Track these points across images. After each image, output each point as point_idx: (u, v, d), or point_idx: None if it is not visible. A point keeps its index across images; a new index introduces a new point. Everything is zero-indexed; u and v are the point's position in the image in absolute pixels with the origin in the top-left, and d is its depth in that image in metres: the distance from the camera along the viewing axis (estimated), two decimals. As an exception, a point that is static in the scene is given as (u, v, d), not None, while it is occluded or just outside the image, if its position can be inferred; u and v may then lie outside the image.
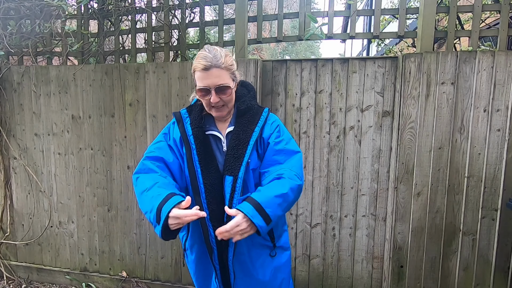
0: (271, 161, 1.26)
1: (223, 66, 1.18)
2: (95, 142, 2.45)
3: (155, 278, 2.48)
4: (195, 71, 1.20)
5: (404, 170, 2.02)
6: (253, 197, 1.11)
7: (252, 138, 1.24)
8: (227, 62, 1.19)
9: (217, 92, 1.19)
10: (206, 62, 1.16)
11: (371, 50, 9.02)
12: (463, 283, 2.04)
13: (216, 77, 1.17)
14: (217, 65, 1.17)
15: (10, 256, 2.75)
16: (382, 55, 2.30)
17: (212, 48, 1.20)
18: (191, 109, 1.35)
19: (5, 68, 2.52)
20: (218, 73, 1.17)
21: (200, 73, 1.18)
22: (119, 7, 2.41)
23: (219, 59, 1.17)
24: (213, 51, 1.19)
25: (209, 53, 1.18)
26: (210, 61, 1.16)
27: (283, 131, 1.32)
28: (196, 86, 1.22)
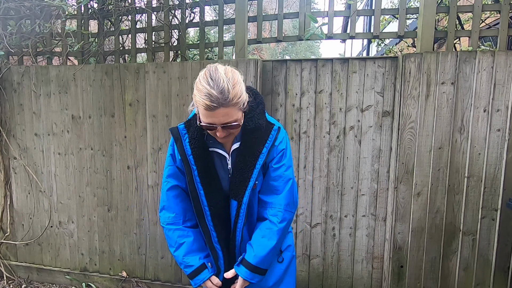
0: (268, 186, 1.24)
1: (231, 103, 1.03)
2: (95, 142, 2.45)
3: (155, 278, 2.48)
4: (198, 104, 1.05)
5: (404, 170, 2.02)
6: (248, 260, 1.20)
7: (258, 161, 1.17)
8: (235, 96, 1.03)
9: (224, 128, 1.08)
10: (211, 102, 1.00)
11: (371, 50, 9.02)
12: (463, 283, 2.04)
13: (223, 116, 1.04)
14: (225, 104, 1.02)
15: (10, 256, 2.75)
16: (382, 55, 2.30)
17: (216, 79, 1.02)
18: (189, 124, 1.22)
19: (5, 68, 2.52)
20: (226, 112, 1.03)
21: (204, 111, 1.04)
22: (119, 7, 2.41)
23: (226, 96, 1.01)
24: (218, 85, 1.01)
25: (214, 89, 1.01)
26: (215, 101, 1.00)
27: (286, 155, 1.24)
28: (200, 120, 1.09)
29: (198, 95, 1.03)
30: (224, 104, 1.02)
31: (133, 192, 2.43)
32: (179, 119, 2.27)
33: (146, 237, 2.45)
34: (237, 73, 1.09)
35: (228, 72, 1.06)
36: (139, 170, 2.39)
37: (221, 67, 1.07)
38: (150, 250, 2.46)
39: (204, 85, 1.02)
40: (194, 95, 1.06)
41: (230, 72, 1.07)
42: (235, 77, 1.07)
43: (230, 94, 1.02)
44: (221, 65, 1.09)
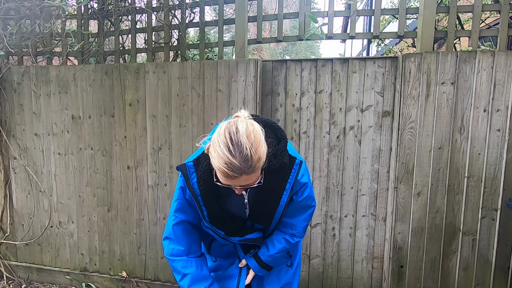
0: (291, 213, 1.26)
1: (254, 170, 0.95)
2: (95, 142, 2.45)
3: (155, 278, 2.48)
4: (215, 167, 0.96)
5: (404, 170, 2.02)
6: (260, 256, 1.29)
7: (282, 199, 1.13)
8: (259, 161, 0.95)
9: (242, 187, 1.03)
10: (232, 172, 0.92)
11: (371, 50, 9.02)
12: (463, 283, 2.04)
13: (244, 181, 0.97)
14: (247, 173, 0.94)
15: (10, 256, 2.75)
16: (382, 55, 2.30)
17: (239, 145, 0.91)
18: (198, 162, 1.12)
19: (5, 68, 2.52)
20: (247, 177, 0.96)
21: (222, 176, 0.96)
22: (119, 7, 2.41)
23: (249, 165, 0.92)
24: (242, 153, 0.91)
25: (236, 157, 0.90)
26: (237, 171, 0.92)
27: (308, 186, 1.22)
28: (215, 175, 1.01)
29: (216, 159, 0.93)
30: (247, 172, 0.93)
31: (133, 192, 2.43)
32: (179, 119, 2.28)
33: (146, 237, 2.45)
34: (258, 130, 0.98)
35: (250, 133, 0.94)
36: (139, 170, 2.39)
37: (242, 125, 0.95)
38: (150, 250, 2.46)
39: (224, 151, 0.91)
40: (211, 154, 0.96)
41: (252, 132, 0.95)
42: (257, 136, 0.95)
43: (254, 161, 0.92)
44: (241, 122, 0.96)
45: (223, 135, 0.93)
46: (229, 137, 0.92)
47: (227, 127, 0.94)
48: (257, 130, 0.97)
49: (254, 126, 0.98)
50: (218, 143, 0.93)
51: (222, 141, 0.92)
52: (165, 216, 2.39)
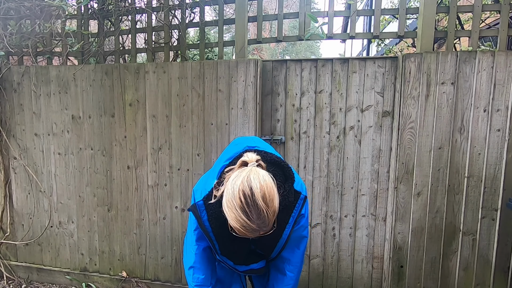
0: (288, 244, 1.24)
1: (270, 225, 0.97)
2: (95, 142, 2.45)
3: (155, 278, 2.48)
4: (230, 222, 0.97)
5: (404, 170, 2.02)
6: None
7: (285, 232, 1.15)
8: (274, 216, 0.97)
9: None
10: (250, 233, 0.95)
11: (371, 50, 9.01)
12: (463, 283, 2.04)
13: (260, 234, 0.98)
14: (264, 230, 0.96)
15: (10, 256, 2.75)
16: (382, 55, 2.30)
17: (255, 208, 0.91)
18: (208, 199, 1.12)
19: (5, 68, 2.52)
20: (263, 232, 0.98)
21: (238, 230, 0.97)
22: (119, 7, 2.41)
23: (266, 224, 0.94)
24: (259, 217, 0.92)
25: (253, 221, 0.92)
26: (255, 232, 0.95)
27: (305, 216, 1.24)
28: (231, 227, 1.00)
29: (233, 221, 0.94)
30: (263, 230, 0.95)
31: (133, 192, 2.43)
32: (179, 119, 2.28)
33: (146, 237, 2.45)
34: (271, 184, 0.96)
35: (264, 193, 0.92)
36: (139, 170, 2.39)
37: (255, 183, 0.92)
38: (150, 250, 2.46)
39: (242, 216, 0.92)
40: (226, 212, 0.95)
41: (266, 189, 0.93)
42: (271, 193, 0.94)
43: (270, 219, 0.94)
44: (254, 178, 0.94)
45: (238, 198, 0.91)
46: (245, 201, 0.91)
47: (241, 188, 0.92)
48: (271, 185, 0.96)
49: (267, 181, 0.95)
50: (233, 205, 0.92)
51: (238, 205, 0.91)
52: (165, 216, 2.39)
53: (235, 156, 1.15)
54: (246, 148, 1.18)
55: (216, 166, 1.20)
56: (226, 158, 1.17)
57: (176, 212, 2.37)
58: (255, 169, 0.98)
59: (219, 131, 2.22)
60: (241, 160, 1.04)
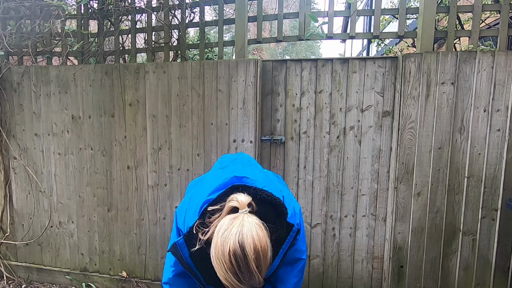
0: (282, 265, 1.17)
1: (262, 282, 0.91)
2: (95, 142, 2.45)
3: (155, 278, 2.48)
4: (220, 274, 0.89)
5: (404, 170, 2.02)
6: None
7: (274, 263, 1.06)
8: (266, 270, 0.92)
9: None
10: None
11: (371, 50, 9.01)
12: (463, 283, 2.04)
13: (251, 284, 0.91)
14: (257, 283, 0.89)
15: (10, 256, 2.75)
16: (382, 55, 2.30)
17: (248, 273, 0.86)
18: (189, 237, 1.05)
19: (5, 68, 2.52)
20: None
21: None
22: (119, 7, 2.41)
23: (258, 283, 0.88)
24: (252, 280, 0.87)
25: (245, 284, 0.87)
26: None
27: (299, 240, 1.16)
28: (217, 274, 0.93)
29: (220, 275, 0.88)
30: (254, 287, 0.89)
31: (133, 192, 2.43)
32: (179, 119, 2.27)
33: (146, 237, 2.45)
34: (265, 238, 0.90)
35: (258, 252, 0.86)
36: (139, 170, 2.39)
37: (248, 243, 0.86)
38: (150, 250, 2.46)
39: (231, 276, 0.86)
40: (215, 266, 0.89)
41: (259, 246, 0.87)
42: (265, 249, 0.88)
43: (262, 277, 0.88)
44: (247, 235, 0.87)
45: (228, 259, 0.85)
46: (237, 264, 0.85)
47: (232, 248, 0.85)
48: (264, 242, 0.89)
49: (260, 236, 0.88)
50: (223, 265, 0.86)
51: (228, 267, 0.85)
52: (165, 216, 2.39)
53: (220, 191, 1.06)
54: (234, 182, 1.09)
55: (197, 198, 1.11)
56: (210, 191, 1.08)
57: (176, 212, 2.36)
58: (247, 220, 0.90)
59: (219, 131, 2.22)
60: (230, 205, 0.96)
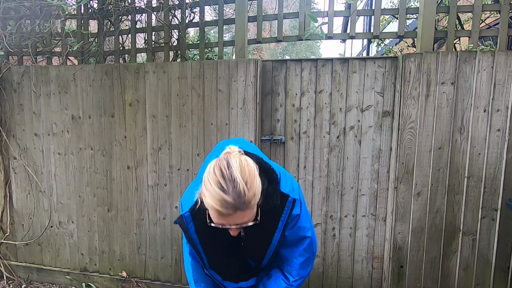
0: (286, 243, 1.18)
1: (249, 207, 0.89)
2: (95, 142, 2.45)
3: (155, 278, 2.48)
4: (207, 206, 0.90)
5: (404, 170, 2.02)
6: None
7: (275, 237, 1.09)
8: (253, 196, 0.89)
9: (238, 227, 0.95)
10: (225, 209, 0.87)
11: (371, 50, 9.01)
12: (463, 283, 2.04)
13: (239, 219, 0.91)
14: (241, 209, 0.88)
15: (10, 256, 2.75)
16: (382, 55, 2.30)
17: (230, 180, 0.86)
18: (194, 210, 1.06)
19: (5, 68, 2.52)
20: (242, 215, 0.90)
21: (216, 214, 0.90)
22: (119, 7, 2.41)
23: (243, 201, 0.87)
24: (234, 189, 0.86)
25: (229, 194, 0.85)
26: (230, 208, 0.86)
27: (302, 217, 1.15)
28: (209, 217, 0.95)
29: (208, 198, 0.88)
30: (240, 208, 0.87)
31: (133, 192, 2.43)
32: (179, 119, 2.27)
33: (146, 237, 2.45)
34: (252, 165, 0.93)
35: (243, 167, 0.89)
36: (139, 170, 2.39)
37: (234, 160, 0.90)
38: (150, 250, 2.46)
39: (216, 189, 0.86)
40: (203, 194, 0.90)
41: (245, 166, 0.90)
42: (251, 171, 0.90)
43: (248, 196, 0.87)
44: (233, 157, 0.91)
45: (213, 173, 0.88)
46: (220, 174, 0.87)
47: (218, 163, 0.89)
48: (251, 165, 0.92)
49: (248, 161, 0.93)
50: (209, 181, 0.88)
51: (212, 179, 0.87)
52: (165, 216, 2.39)
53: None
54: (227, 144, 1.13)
55: (200, 174, 1.13)
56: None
57: (176, 212, 2.37)
58: (236, 154, 0.94)
59: (219, 131, 2.22)
60: (224, 151, 0.98)
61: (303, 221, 1.16)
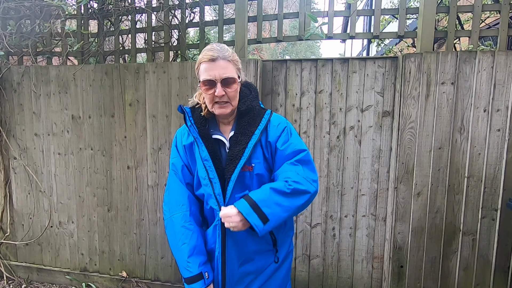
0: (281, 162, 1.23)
1: (230, 59, 1.17)
2: (95, 142, 2.45)
3: (155, 278, 2.48)
4: (201, 63, 1.17)
5: (404, 170, 2.02)
6: (250, 195, 1.14)
7: (251, 141, 1.20)
8: (233, 56, 1.19)
9: (222, 84, 1.16)
10: (213, 53, 1.15)
11: (371, 50, 9.02)
12: (463, 283, 2.04)
13: (223, 69, 1.15)
14: (224, 57, 1.16)
15: (10, 256, 2.75)
16: (382, 55, 2.30)
17: (218, 44, 1.20)
18: (193, 110, 1.30)
19: (5, 68, 2.52)
20: (225, 65, 1.16)
21: (206, 64, 1.15)
22: (119, 7, 2.41)
23: (226, 52, 1.17)
24: (219, 45, 1.19)
25: (216, 46, 1.18)
26: (217, 53, 1.15)
27: (291, 133, 1.27)
28: (201, 80, 1.18)
29: (201, 55, 1.17)
30: (224, 56, 1.15)
31: (133, 192, 2.43)
32: (179, 119, 2.27)
33: (146, 237, 2.45)
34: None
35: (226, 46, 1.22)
36: (139, 170, 2.39)
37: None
38: (150, 250, 2.46)
39: (207, 46, 1.19)
40: (198, 60, 1.19)
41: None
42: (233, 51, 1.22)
43: (229, 52, 1.18)
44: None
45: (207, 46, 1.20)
46: (211, 43, 1.21)
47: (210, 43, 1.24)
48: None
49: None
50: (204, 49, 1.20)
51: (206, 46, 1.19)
52: (165, 216, 2.39)
53: None
54: None
55: None
56: None
57: (176, 212, 2.36)
58: None
59: (219, 131, 2.22)
60: None
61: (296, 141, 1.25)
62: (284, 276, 1.37)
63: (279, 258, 1.33)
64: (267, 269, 1.31)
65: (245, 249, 1.26)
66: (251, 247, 1.27)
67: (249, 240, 1.26)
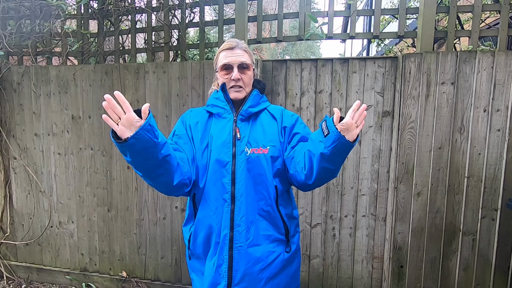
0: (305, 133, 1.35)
1: (246, 50, 1.34)
2: (95, 142, 2.45)
3: (155, 278, 2.48)
4: (220, 52, 1.33)
5: (404, 170, 2.02)
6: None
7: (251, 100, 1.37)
8: (248, 49, 1.36)
9: (239, 69, 1.29)
10: (231, 43, 1.31)
11: (371, 50, 9.01)
12: (463, 283, 2.04)
13: (240, 56, 1.30)
14: (241, 47, 1.32)
15: (10, 256, 2.75)
16: (382, 55, 2.30)
17: (234, 39, 1.39)
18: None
19: (5, 68, 2.52)
20: (242, 53, 1.31)
21: (225, 52, 1.31)
22: (119, 7, 2.41)
23: (242, 44, 1.34)
24: (236, 39, 1.36)
25: (233, 39, 1.36)
26: (235, 43, 1.31)
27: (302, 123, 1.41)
28: (219, 65, 1.32)
29: (220, 47, 1.34)
30: (240, 47, 1.31)
31: (133, 192, 2.43)
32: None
33: (146, 237, 2.45)
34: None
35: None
36: (139, 170, 2.39)
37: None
38: (150, 250, 2.46)
39: (223, 45, 1.34)
40: (217, 52, 1.36)
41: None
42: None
43: (245, 44, 1.35)
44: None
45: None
46: (227, 41, 1.34)
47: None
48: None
49: None
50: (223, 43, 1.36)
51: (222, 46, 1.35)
52: (165, 216, 2.39)
53: None
54: None
55: None
56: None
57: (176, 212, 2.37)
58: None
59: (219, 131, 2.21)
60: None
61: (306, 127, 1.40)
62: (294, 273, 1.36)
63: (291, 248, 1.32)
64: (276, 260, 1.28)
65: (256, 232, 1.26)
66: (262, 231, 1.27)
67: (260, 222, 1.26)
